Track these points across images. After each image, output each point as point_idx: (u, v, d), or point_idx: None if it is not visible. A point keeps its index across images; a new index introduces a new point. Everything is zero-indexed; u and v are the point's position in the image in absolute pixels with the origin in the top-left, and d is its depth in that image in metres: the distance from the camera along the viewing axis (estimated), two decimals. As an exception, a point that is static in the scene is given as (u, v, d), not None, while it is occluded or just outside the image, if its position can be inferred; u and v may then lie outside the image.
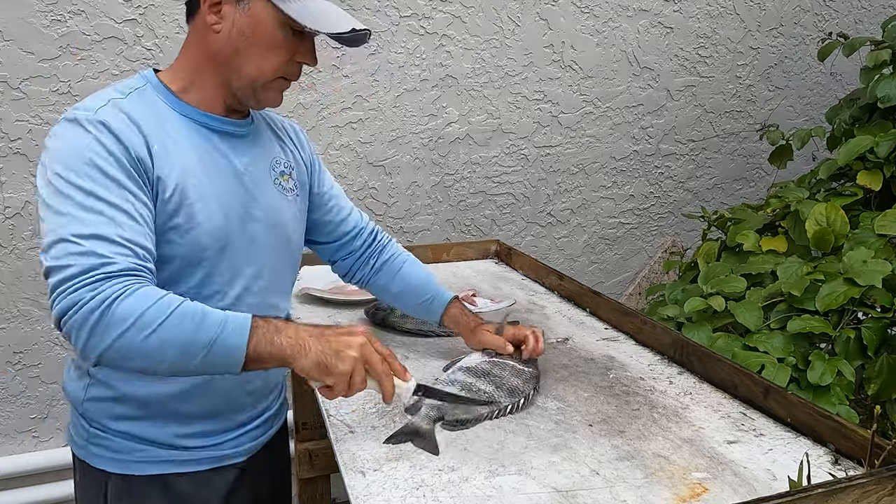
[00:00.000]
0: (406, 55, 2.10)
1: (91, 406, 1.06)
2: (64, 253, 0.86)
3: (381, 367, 0.95)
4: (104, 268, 0.86)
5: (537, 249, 2.47)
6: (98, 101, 0.97)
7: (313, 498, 1.96)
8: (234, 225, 1.05)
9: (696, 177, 2.69)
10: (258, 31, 1.00)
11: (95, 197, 0.89)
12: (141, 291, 0.86)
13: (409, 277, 1.34)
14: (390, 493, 0.87)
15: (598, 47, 2.36)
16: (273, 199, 1.13)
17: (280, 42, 1.01)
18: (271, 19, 0.99)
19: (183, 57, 1.06)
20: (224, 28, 1.00)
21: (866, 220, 1.78)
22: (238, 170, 1.07)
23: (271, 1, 0.98)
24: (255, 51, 1.01)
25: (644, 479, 0.91)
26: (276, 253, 1.13)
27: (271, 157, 1.15)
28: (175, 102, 1.04)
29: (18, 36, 1.71)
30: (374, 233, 1.37)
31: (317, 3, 1.00)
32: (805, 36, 2.70)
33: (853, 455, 0.95)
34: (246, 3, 0.99)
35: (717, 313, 1.70)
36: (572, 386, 1.21)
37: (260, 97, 1.05)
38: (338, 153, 2.10)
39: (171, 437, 1.06)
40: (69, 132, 0.93)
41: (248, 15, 0.99)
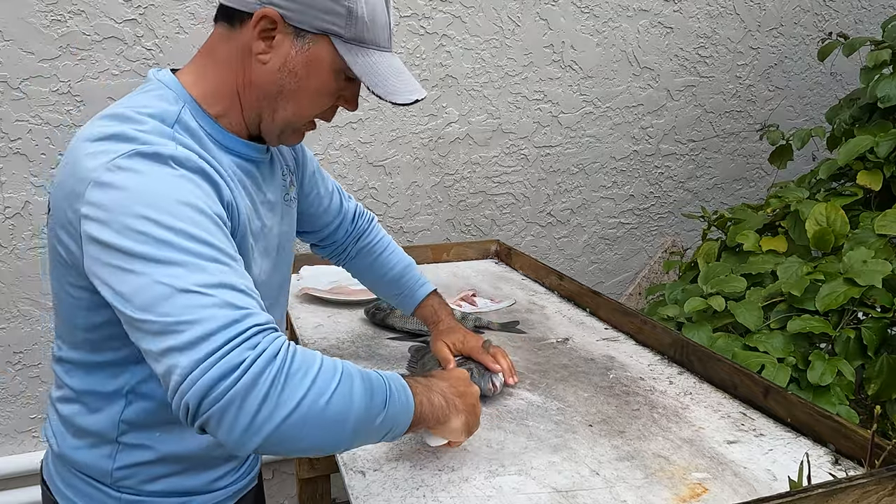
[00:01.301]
0: (406, 55, 2.10)
1: (125, 473, 0.92)
2: (188, 306, 0.66)
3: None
4: (252, 318, 0.68)
5: (537, 249, 2.47)
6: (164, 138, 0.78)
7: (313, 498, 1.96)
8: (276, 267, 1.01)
9: (696, 177, 2.69)
10: (313, 74, 0.86)
11: (203, 241, 0.71)
12: (299, 348, 0.71)
13: (385, 268, 1.30)
14: (390, 493, 0.87)
15: (598, 47, 2.36)
16: (289, 219, 1.07)
17: (331, 89, 0.89)
18: (329, 66, 0.86)
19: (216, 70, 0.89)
20: (273, 62, 0.85)
21: (866, 220, 1.78)
22: (272, 202, 0.99)
23: (336, 48, 0.85)
24: (302, 95, 0.88)
25: (644, 479, 0.91)
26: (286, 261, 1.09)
27: (280, 173, 1.06)
28: (217, 131, 0.88)
29: (18, 36, 1.71)
30: (356, 217, 1.31)
31: (385, 61, 0.89)
32: (805, 36, 2.70)
33: (853, 455, 0.95)
34: (307, 41, 0.84)
35: (717, 313, 1.69)
36: (572, 386, 1.21)
37: (284, 139, 0.94)
38: (338, 153, 2.10)
39: (207, 483, 0.99)
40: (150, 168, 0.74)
41: (307, 56, 0.85)
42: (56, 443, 0.95)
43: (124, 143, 0.75)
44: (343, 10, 0.83)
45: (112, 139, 0.76)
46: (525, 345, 1.40)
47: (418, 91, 0.90)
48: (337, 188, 1.29)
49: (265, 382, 0.65)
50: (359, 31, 0.85)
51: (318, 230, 1.27)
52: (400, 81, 0.89)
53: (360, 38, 0.85)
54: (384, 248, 1.31)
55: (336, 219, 1.27)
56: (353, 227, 1.30)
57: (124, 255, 0.69)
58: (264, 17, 0.83)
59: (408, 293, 1.29)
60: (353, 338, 1.43)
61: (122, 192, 0.72)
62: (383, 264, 1.30)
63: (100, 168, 0.73)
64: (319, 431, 0.69)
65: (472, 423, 0.92)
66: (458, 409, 0.89)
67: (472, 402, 0.92)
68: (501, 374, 1.15)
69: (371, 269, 1.31)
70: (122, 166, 0.73)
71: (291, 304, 1.63)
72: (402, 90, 0.88)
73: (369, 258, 1.30)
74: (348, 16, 0.84)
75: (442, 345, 1.21)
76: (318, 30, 0.84)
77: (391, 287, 1.31)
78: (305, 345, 1.38)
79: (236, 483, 1.05)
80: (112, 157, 0.74)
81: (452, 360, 1.18)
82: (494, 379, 1.13)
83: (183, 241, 0.70)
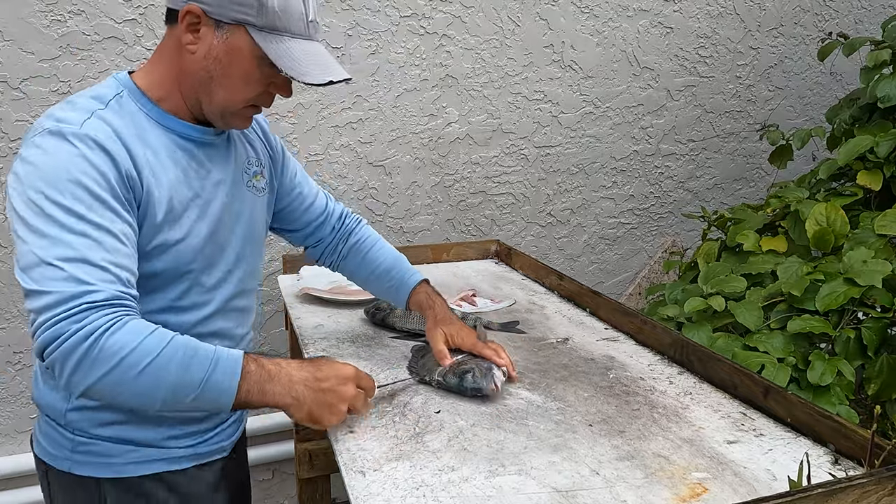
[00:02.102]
0: (406, 55, 2.10)
1: (76, 415, 1.03)
2: (45, 277, 0.82)
3: (363, 409, 1.01)
4: (88, 296, 0.82)
5: (537, 249, 2.47)
6: (81, 113, 0.93)
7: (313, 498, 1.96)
8: (217, 236, 1.07)
9: (696, 177, 2.69)
10: (234, 62, 0.97)
11: (81, 218, 0.86)
12: (130, 325, 0.83)
13: (375, 262, 1.34)
14: (390, 493, 0.87)
15: (598, 47, 2.36)
16: (249, 203, 1.14)
17: (256, 76, 0.98)
18: (249, 53, 0.96)
19: (160, 64, 1.02)
20: (200, 50, 0.97)
21: (866, 220, 1.78)
22: (217, 180, 1.07)
23: (252, 36, 0.95)
24: (229, 81, 0.98)
25: (644, 479, 0.91)
26: (250, 250, 1.16)
27: (244, 160, 1.15)
28: (155, 112, 1.01)
29: (18, 36, 1.71)
30: (343, 217, 1.37)
31: (300, 46, 0.97)
32: (805, 36, 2.70)
33: (853, 455, 0.95)
34: (225, 31, 0.95)
35: (717, 313, 1.70)
36: (572, 386, 1.21)
37: (228, 122, 1.04)
38: (338, 153, 2.10)
39: (161, 438, 1.06)
40: (54, 147, 0.88)
41: (227, 44, 0.96)
42: (34, 390, 1.08)
43: (49, 121, 0.91)
44: (254, 1, 0.93)
45: (46, 117, 0.93)
46: (525, 345, 1.40)
47: (336, 73, 0.98)
48: (324, 193, 1.37)
49: (78, 352, 0.81)
50: (270, 19, 0.94)
51: (302, 227, 1.33)
52: (315, 65, 0.97)
53: (272, 26, 0.95)
54: (373, 245, 1.35)
55: (320, 217, 1.33)
56: (341, 225, 1.36)
57: (22, 222, 0.86)
58: (189, 13, 0.95)
59: (399, 283, 1.31)
60: (353, 338, 1.43)
61: (31, 167, 0.88)
62: (373, 259, 1.34)
63: (24, 144, 0.91)
64: (129, 397, 0.84)
65: (318, 417, 0.95)
66: (302, 402, 0.93)
67: (328, 401, 0.95)
68: (501, 372, 1.14)
69: (362, 265, 1.35)
70: (35, 143, 0.89)
71: (291, 304, 1.63)
72: (313, 72, 0.96)
73: (359, 255, 1.35)
74: (259, 6, 0.93)
75: (439, 334, 1.22)
76: (234, 20, 0.94)
77: (382, 280, 1.33)
78: (305, 345, 1.38)
79: (196, 446, 1.10)
80: (34, 134, 0.91)
81: (448, 356, 1.18)
82: (496, 379, 1.12)
83: (61, 216, 0.85)
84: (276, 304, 2.09)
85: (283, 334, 2.06)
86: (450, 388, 1.15)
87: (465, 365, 1.15)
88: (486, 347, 1.19)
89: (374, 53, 2.06)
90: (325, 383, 0.96)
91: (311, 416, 0.94)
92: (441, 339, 1.21)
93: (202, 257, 1.04)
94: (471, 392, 1.12)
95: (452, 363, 1.17)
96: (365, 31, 2.03)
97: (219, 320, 1.10)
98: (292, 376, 0.94)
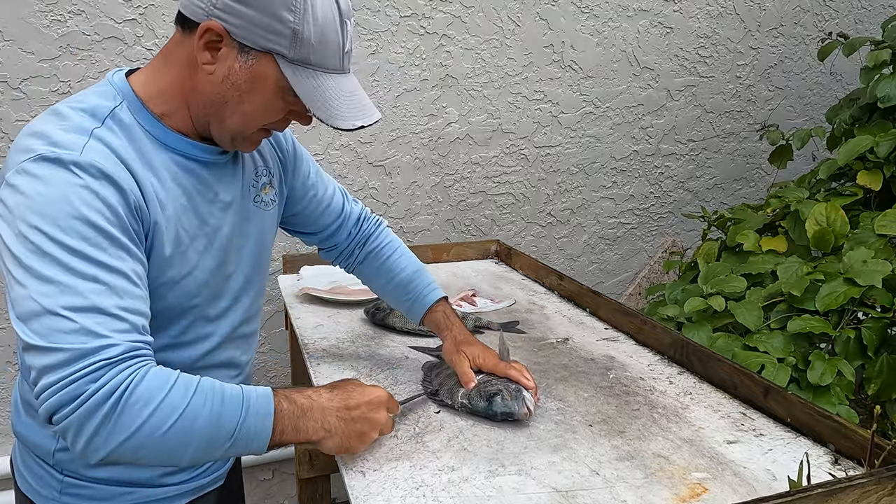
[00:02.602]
0: (406, 55, 2.10)
1: (65, 456, 0.95)
2: (53, 330, 0.72)
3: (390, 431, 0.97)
4: (104, 352, 0.73)
5: (537, 249, 2.47)
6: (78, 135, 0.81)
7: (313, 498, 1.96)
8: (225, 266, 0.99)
9: (696, 177, 2.69)
10: (256, 90, 0.87)
11: (88, 259, 0.75)
12: (150, 378, 0.75)
13: (392, 272, 1.24)
14: (390, 493, 0.87)
15: (598, 47, 2.36)
16: (257, 221, 1.06)
17: (278, 106, 0.89)
18: (274, 83, 0.86)
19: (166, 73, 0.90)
20: (217, 72, 0.86)
21: (866, 220, 1.78)
22: (225, 203, 0.98)
23: (280, 67, 0.85)
24: (247, 108, 0.88)
25: (644, 479, 0.91)
26: (259, 270, 1.09)
27: (251, 173, 1.05)
28: (158, 129, 0.90)
29: (18, 36, 1.71)
30: (361, 221, 1.27)
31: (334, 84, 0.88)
32: (805, 36, 2.70)
33: (853, 455, 0.95)
34: (251, 56, 0.84)
35: (717, 313, 1.69)
36: (572, 386, 1.21)
37: (236, 145, 0.95)
38: (338, 153, 2.10)
39: (156, 476, 1.00)
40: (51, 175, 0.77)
41: (251, 71, 0.85)
42: (14, 418, 1.00)
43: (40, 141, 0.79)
44: (288, 31, 0.83)
45: (34, 136, 0.81)
46: (525, 345, 1.40)
47: (368, 116, 0.91)
48: (341, 192, 1.27)
49: (98, 416, 0.72)
50: (304, 52, 0.84)
51: (317, 232, 1.25)
52: (346, 105, 0.88)
53: (305, 60, 0.85)
54: (392, 252, 1.26)
55: (336, 221, 1.24)
56: (358, 230, 1.27)
57: (15, 262, 0.75)
58: (209, 30, 0.83)
59: (415, 298, 1.22)
60: (353, 338, 1.43)
61: (23, 198, 0.76)
62: (391, 268, 1.25)
63: (12, 167, 0.79)
64: (156, 455, 0.76)
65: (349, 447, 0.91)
66: (334, 433, 0.88)
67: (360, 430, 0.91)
68: (530, 394, 1.06)
69: (378, 273, 1.26)
70: (27, 170, 0.77)
71: (291, 304, 1.63)
72: (345, 115, 0.88)
73: (376, 262, 1.26)
74: (293, 37, 0.83)
75: (463, 359, 1.13)
76: (263, 48, 0.84)
77: (399, 292, 1.24)
78: (305, 345, 1.38)
79: (192, 481, 1.04)
80: (23, 158, 0.79)
81: (474, 380, 1.10)
82: (528, 402, 1.04)
83: (65, 257, 0.74)
84: (276, 304, 2.09)
85: (284, 334, 2.06)
86: (476, 412, 1.07)
87: (492, 386, 1.07)
88: (511, 368, 1.10)
89: (374, 53, 2.06)
90: (356, 412, 0.90)
91: (341, 446, 0.90)
92: (466, 363, 1.12)
93: (207, 290, 0.96)
94: (501, 416, 1.05)
95: (477, 384, 1.09)
96: (365, 31, 2.03)
97: (224, 351, 1.03)
98: (324, 408, 0.88)
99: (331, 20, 0.85)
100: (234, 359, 1.06)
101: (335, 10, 0.85)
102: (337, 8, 0.86)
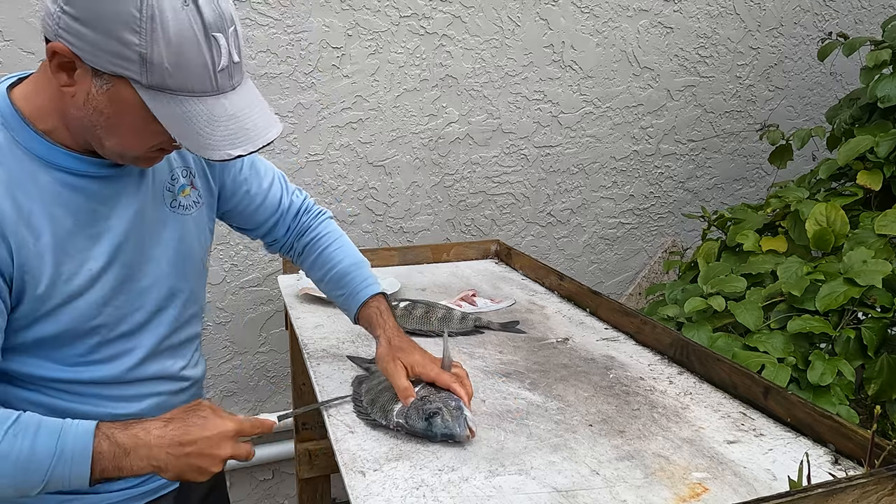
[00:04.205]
0: (406, 55, 2.10)
1: None
2: None
3: (246, 455, 0.91)
4: None
5: (537, 249, 2.47)
6: None
7: (313, 498, 1.96)
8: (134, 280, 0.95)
9: (696, 177, 2.69)
10: (122, 114, 0.79)
11: None
12: None
13: (327, 265, 1.18)
14: (390, 493, 0.87)
15: (598, 47, 2.36)
16: (175, 226, 1.00)
17: (151, 129, 0.80)
18: (138, 106, 0.78)
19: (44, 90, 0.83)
20: (78, 96, 0.79)
21: (866, 220, 1.78)
22: (126, 216, 0.93)
23: (137, 92, 0.77)
24: (119, 132, 0.81)
25: (644, 479, 0.91)
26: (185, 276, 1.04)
27: (164, 178, 0.99)
28: (40, 146, 0.83)
29: (18, 36, 1.71)
30: (300, 214, 1.22)
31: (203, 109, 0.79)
32: (805, 36, 2.70)
33: (853, 455, 0.95)
34: (105, 81, 0.77)
35: (717, 313, 1.70)
36: (572, 386, 1.21)
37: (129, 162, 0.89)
38: (338, 153, 2.10)
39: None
40: None
41: (108, 95, 0.78)
42: None
43: None
44: (135, 55, 0.74)
45: None
46: (525, 345, 1.40)
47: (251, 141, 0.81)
48: (281, 184, 1.20)
49: None
50: (158, 78, 0.76)
51: (254, 228, 1.20)
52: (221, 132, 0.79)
53: (161, 85, 0.76)
54: (329, 244, 1.20)
55: (272, 216, 1.19)
56: (297, 223, 1.21)
57: None
58: (56, 53, 0.77)
59: (350, 293, 1.15)
60: (352, 338, 1.43)
61: None
62: (326, 261, 1.18)
63: None
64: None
65: (189, 478, 0.86)
66: (165, 469, 0.85)
67: (196, 465, 0.86)
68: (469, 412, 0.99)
69: (314, 266, 1.21)
70: None
71: (291, 305, 1.63)
72: (218, 143, 0.79)
73: (312, 255, 1.20)
74: (142, 62, 0.75)
75: (399, 368, 1.04)
76: (114, 73, 0.76)
77: (333, 286, 1.18)
78: (305, 345, 1.38)
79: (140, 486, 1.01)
80: None
81: (413, 393, 1.01)
82: (470, 422, 0.97)
83: None
84: (276, 304, 2.09)
85: (284, 334, 2.06)
86: (414, 433, 0.99)
87: (431, 404, 0.98)
88: (454, 380, 1.03)
89: (374, 53, 2.06)
90: (190, 447, 0.85)
91: (180, 477, 0.86)
92: (403, 373, 1.03)
93: (110, 309, 0.92)
94: (441, 437, 0.97)
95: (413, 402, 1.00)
96: (365, 31, 2.03)
97: (153, 364, 1.00)
98: (151, 446, 0.83)
99: (190, 38, 0.75)
100: (167, 369, 1.03)
101: (195, 25, 0.75)
102: (199, 22, 0.75)
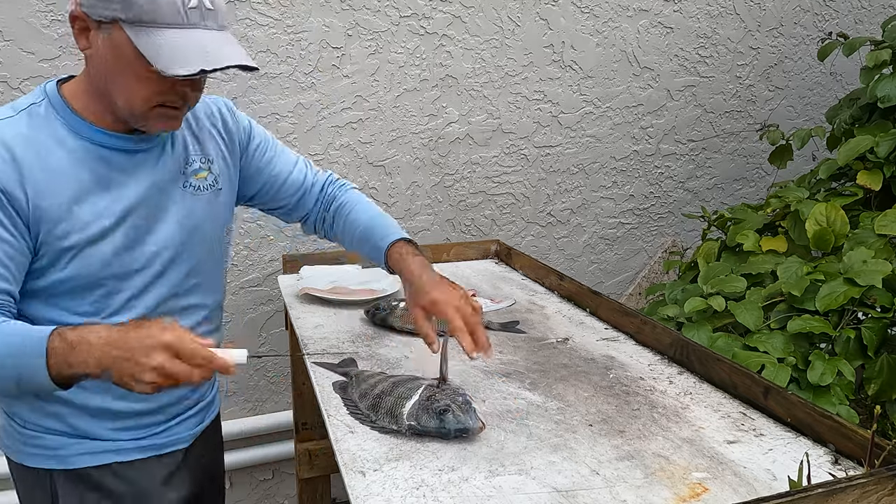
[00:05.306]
0: (406, 55, 2.10)
1: (20, 406, 1.06)
2: None
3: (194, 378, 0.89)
4: None
5: (537, 249, 2.47)
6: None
7: (313, 498, 1.96)
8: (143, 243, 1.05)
9: (696, 177, 2.69)
10: (120, 60, 0.93)
11: None
12: None
13: (354, 225, 1.27)
14: (390, 493, 0.87)
15: (598, 47, 2.36)
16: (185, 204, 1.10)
17: (144, 74, 0.93)
18: (131, 50, 0.92)
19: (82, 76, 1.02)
20: (94, 55, 0.96)
21: (866, 220, 1.78)
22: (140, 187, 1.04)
23: (126, 32, 0.91)
24: (121, 81, 0.95)
25: (644, 479, 0.91)
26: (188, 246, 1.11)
27: (181, 160, 1.11)
28: (72, 120, 1.00)
29: (18, 36, 1.71)
30: (326, 186, 1.32)
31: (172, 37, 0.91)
32: (805, 36, 2.70)
33: (853, 455, 0.95)
34: (107, 30, 0.92)
35: (717, 313, 1.70)
36: (572, 386, 1.21)
37: (144, 125, 1.01)
38: (338, 153, 2.10)
39: (106, 430, 1.06)
40: None
41: (110, 43, 0.93)
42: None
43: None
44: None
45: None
46: (525, 345, 1.40)
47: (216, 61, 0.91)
48: (306, 164, 1.32)
49: None
50: (136, 12, 0.90)
51: (284, 205, 1.30)
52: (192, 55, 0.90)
53: (139, 19, 0.90)
54: (353, 206, 1.29)
55: (299, 191, 1.29)
56: (324, 194, 1.31)
57: None
58: (75, 18, 0.94)
59: (374, 247, 1.22)
60: (353, 338, 1.43)
61: None
62: (354, 221, 1.28)
63: None
64: None
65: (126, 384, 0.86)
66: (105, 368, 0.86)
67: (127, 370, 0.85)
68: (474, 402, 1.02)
69: (345, 233, 1.29)
70: None
71: (291, 304, 1.63)
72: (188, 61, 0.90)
73: (341, 222, 1.29)
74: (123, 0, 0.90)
75: (418, 313, 1.13)
76: (108, 18, 0.91)
77: (364, 245, 1.26)
78: (305, 346, 1.38)
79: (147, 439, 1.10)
80: None
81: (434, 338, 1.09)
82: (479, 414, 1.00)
83: None
84: (276, 304, 2.09)
85: (284, 334, 2.06)
86: (427, 432, 0.99)
87: (439, 402, 1.00)
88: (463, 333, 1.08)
89: (374, 53, 2.06)
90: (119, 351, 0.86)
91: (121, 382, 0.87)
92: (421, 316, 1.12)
93: (118, 264, 1.02)
94: (455, 433, 0.98)
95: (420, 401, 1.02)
96: (365, 31, 2.03)
97: None
98: (91, 344, 0.86)
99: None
100: None
101: None
102: None
